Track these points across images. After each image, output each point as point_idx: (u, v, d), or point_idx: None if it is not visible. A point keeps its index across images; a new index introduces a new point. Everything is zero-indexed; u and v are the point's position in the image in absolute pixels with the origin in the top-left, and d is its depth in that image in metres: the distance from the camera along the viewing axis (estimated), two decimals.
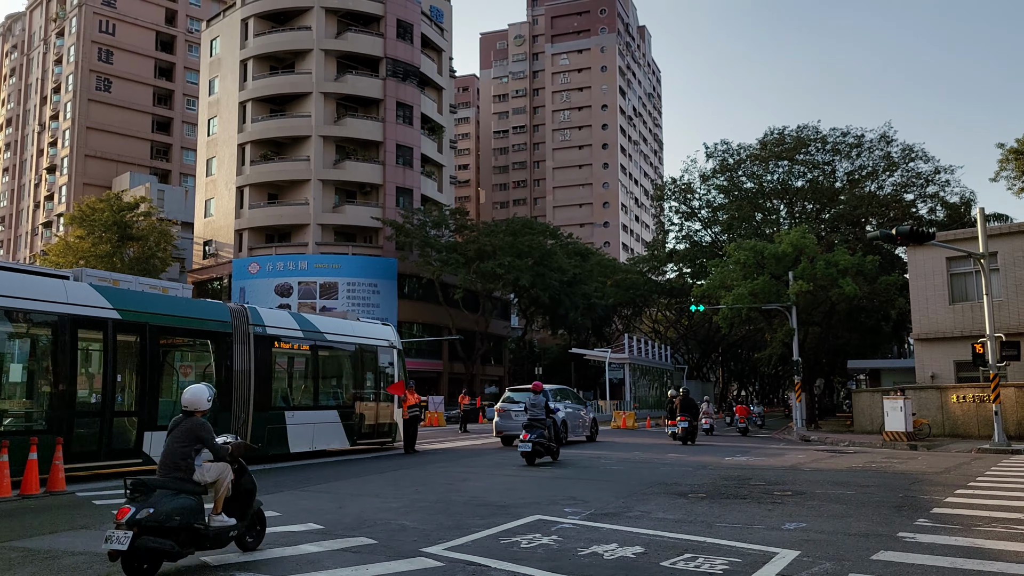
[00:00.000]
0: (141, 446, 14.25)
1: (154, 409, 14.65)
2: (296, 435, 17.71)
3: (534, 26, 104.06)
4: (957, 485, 12.83)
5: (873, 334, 42.26)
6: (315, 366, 18.98)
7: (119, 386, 14.36)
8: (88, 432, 13.55)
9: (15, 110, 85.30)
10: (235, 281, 50.43)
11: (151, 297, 15.37)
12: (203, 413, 7.21)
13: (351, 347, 20.30)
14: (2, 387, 13.22)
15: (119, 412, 14.21)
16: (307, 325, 18.89)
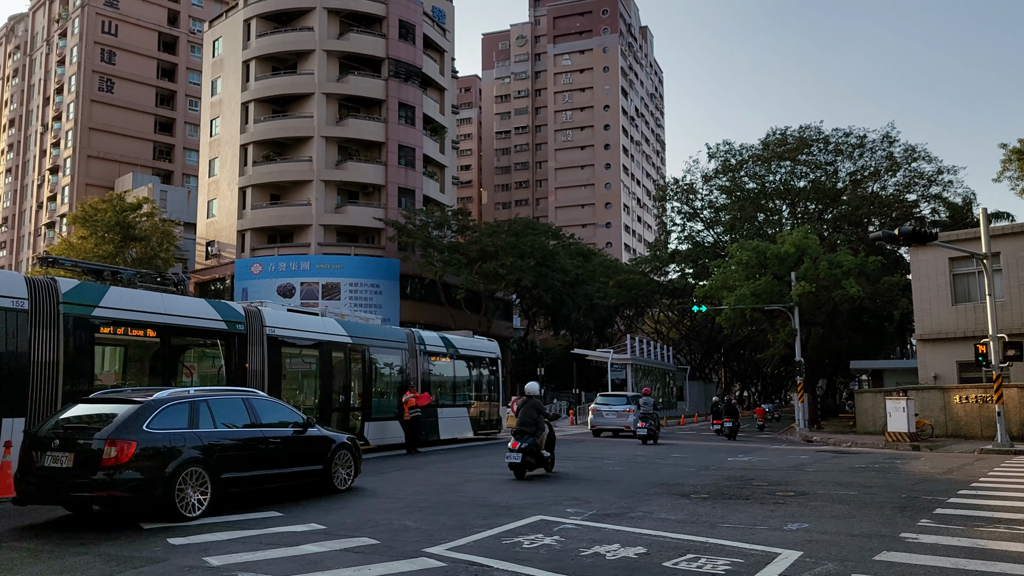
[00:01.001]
0: (364, 432, 19.67)
1: (369, 406, 20.28)
2: (445, 426, 23.02)
3: (536, 27, 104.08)
4: (960, 486, 12.81)
5: (876, 335, 42.23)
6: (453, 374, 24.66)
7: (351, 390, 19.86)
8: (337, 423, 18.71)
9: (18, 111, 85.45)
10: (237, 282, 50.46)
11: (363, 325, 21.47)
12: (537, 396, 14.82)
13: (474, 359, 25.99)
14: (287, 392, 17.59)
15: (353, 408, 19.84)
16: (448, 343, 24.62)
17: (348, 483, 12.31)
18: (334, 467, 12.05)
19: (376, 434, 20.29)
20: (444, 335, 24.95)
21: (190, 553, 7.43)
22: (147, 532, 8.58)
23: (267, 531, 8.59)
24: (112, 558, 7.29)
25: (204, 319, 15.76)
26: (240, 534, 8.39)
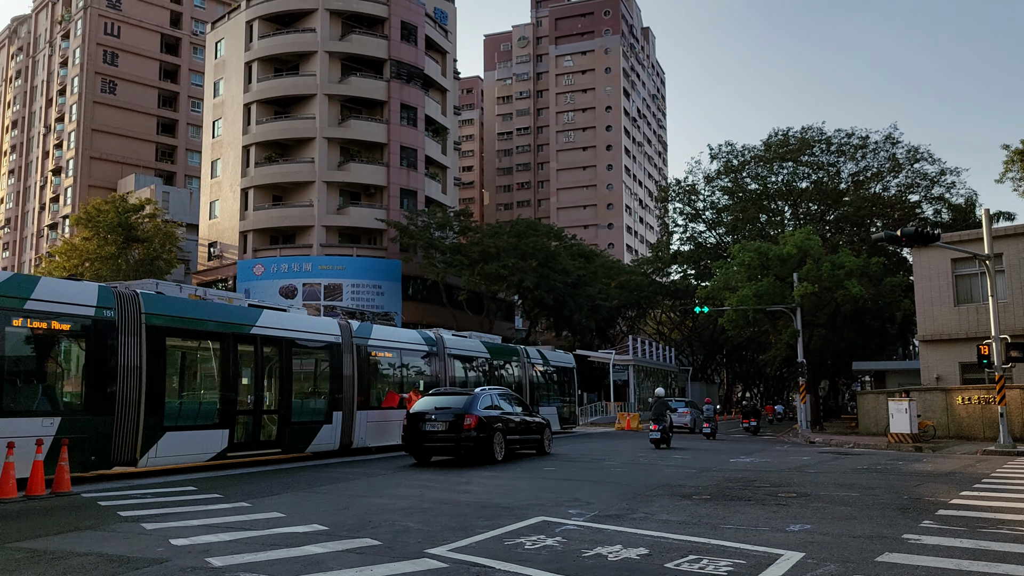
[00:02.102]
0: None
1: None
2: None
3: (538, 28, 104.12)
4: (962, 487, 12.80)
5: (878, 336, 42.21)
6: (548, 379, 31.22)
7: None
8: None
9: (20, 112, 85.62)
10: (240, 283, 50.49)
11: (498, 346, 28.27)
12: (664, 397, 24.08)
13: (559, 369, 32.43)
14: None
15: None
16: (544, 357, 31.18)
17: (549, 448, 19.97)
18: (544, 438, 19.86)
19: None
20: (540, 350, 32.42)
21: (192, 554, 7.44)
22: (150, 533, 8.59)
23: (269, 532, 8.60)
24: (114, 559, 7.30)
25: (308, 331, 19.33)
26: (243, 535, 8.40)
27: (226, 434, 16.16)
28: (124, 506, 10.67)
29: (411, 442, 17.11)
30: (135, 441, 14.54)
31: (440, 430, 16.69)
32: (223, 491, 12.35)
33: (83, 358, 14.08)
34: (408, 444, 17.22)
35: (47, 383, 13.80)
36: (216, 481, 13.93)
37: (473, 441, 16.56)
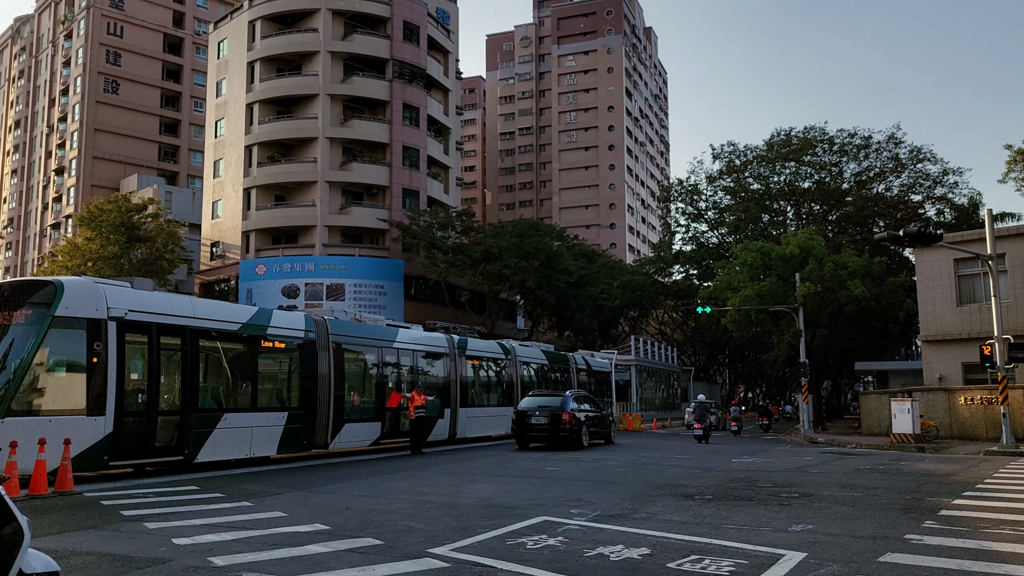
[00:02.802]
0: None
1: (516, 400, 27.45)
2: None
3: (540, 28, 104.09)
4: (965, 487, 12.78)
5: (880, 336, 42.20)
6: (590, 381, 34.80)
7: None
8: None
9: (23, 112, 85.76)
10: (242, 283, 50.55)
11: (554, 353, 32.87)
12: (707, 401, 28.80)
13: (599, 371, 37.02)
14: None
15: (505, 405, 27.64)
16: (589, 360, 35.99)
17: (614, 439, 25.23)
18: (611, 430, 25.10)
19: None
20: (583, 356, 36.28)
21: (195, 553, 7.45)
22: (152, 532, 8.61)
23: (272, 531, 8.61)
24: (117, 559, 7.32)
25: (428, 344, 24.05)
26: (245, 534, 8.41)
27: (379, 426, 20.79)
28: (126, 505, 10.69)
29: (519, 432, 22.36)
30: (327, 430, 18.73)
31: (542, 423, 21.82)
32: (225, 491, 12.36)
33: (298, 368, 18.46)
34: (516, 434, 22.52)
35: (278, 387, 18.25)
36: (217, 481, 13.95)
37: (567, 432, 21.67)
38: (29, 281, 14.81)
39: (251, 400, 17.01)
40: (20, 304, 13.86)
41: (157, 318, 15.00)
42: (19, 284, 14.65)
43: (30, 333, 13.34)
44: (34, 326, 13.41)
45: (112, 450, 13.83)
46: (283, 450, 17.53)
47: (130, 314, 14.39)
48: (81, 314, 13.74)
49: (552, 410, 21.79)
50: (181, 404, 15.36)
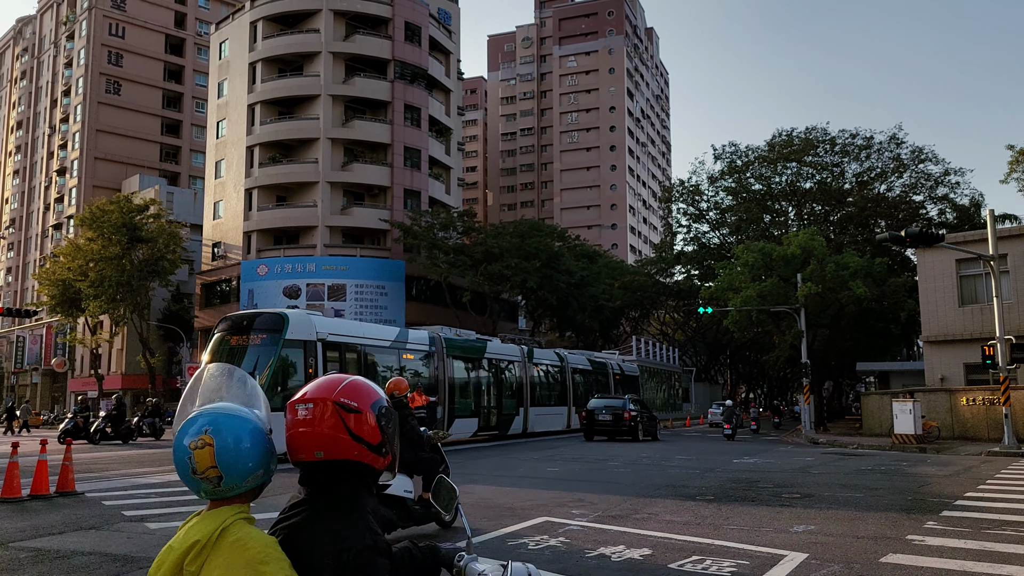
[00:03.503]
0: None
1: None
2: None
3: (542, 28, 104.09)
4: (966, 488, 12.77)
5: (882, 336, 42.19)
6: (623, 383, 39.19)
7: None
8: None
9: (25, 113, 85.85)
10: (244, 283, 50.57)
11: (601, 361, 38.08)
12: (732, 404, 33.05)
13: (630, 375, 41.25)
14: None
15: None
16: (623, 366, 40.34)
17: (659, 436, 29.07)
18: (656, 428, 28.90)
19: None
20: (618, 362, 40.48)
21: None
22: (153, 532, 8.61)
23: None
24: (118, 559, 7.32)
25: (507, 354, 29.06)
26: None
27: (476, 421, 25.89)
28: (128, 505, 10.69)
29: (588, 427, 27.20)
30: (444, 424, 23.71)
31: (607, 420, 26.83)
32: None
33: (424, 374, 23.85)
34: (585, 429, 27.34)
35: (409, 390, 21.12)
36: None
37: (627, 427, 26.63)
38: (265, 312, 20.17)
39: None
40: (259, 330, 18.89)
41: (342, 338, 20.33)
42: (258, 314, 19.83)
43: (270, 352, 18.23)
44: (272, 346, 18.29)
45: None
46: None
47: (329, 336, 19.66)
48: (301, 337, 18.82)
49: (615, 410, 27.09)
50: None
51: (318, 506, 1.93)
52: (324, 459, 1.94)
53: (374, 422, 1.96)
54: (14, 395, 75.60)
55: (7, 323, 77.89)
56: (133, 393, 58.75)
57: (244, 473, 1.86)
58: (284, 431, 1.98)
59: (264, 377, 17.74)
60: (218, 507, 1.86)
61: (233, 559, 1.75)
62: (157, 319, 56.12)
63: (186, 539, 1.79)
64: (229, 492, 1.86)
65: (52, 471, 12.53)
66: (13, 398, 65.10)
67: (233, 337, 19.08)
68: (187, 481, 1.85)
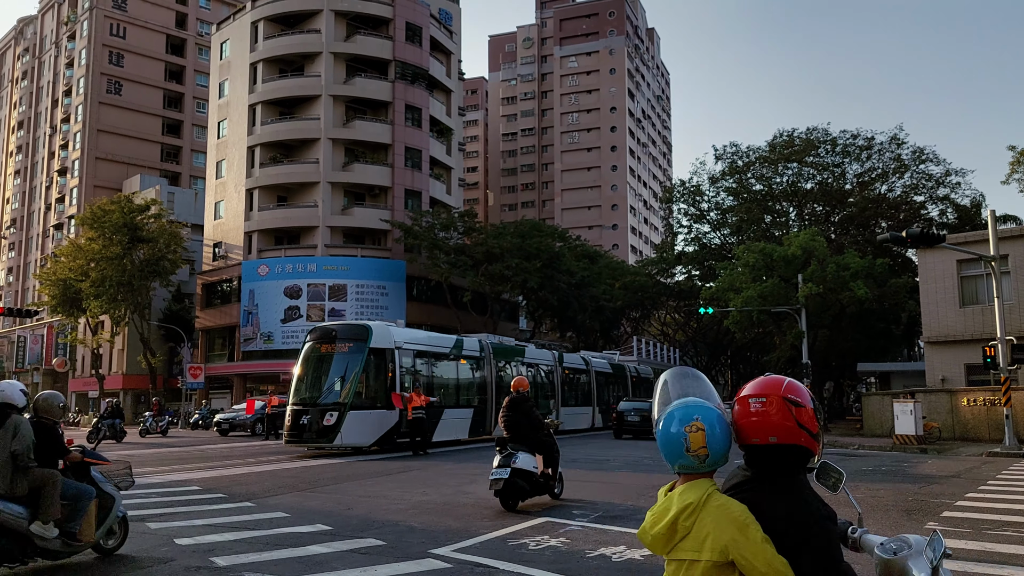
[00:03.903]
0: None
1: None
2: None
3: (543, 28, 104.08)
4: (967, 489, 12.76)
5: (883, 337, 42.16)
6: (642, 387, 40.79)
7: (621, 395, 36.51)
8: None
9: (26, 113, 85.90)
10: (244, 283, 50.59)
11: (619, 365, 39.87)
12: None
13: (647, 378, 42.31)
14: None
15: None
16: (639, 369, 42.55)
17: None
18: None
19: None
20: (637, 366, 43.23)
21: (197, 553, 7.46)
22: (154, 532, 8.61)
23: (274, 532, 8.62)
24: (119, 559, 7.33)
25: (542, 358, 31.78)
26: (247, 535, 8.42)
27: None
28: (129, 505, 10.67)
29: (617, 427, 28.83)
30: (487, 422, 25.83)
31: (635, 421, 28.40)
32: (227, 491, 12.37)
33: (475, 378, 26.71)
34: (615, 428, 28.83)
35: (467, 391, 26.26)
36: (219, 481, 13.97)
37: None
38: (352, 323, 23.72)
39: (455, 400, 25.09)
40: (347, 339, 21.68)
41: (413, 345, 23.16)
42: (345, 326, 22.79)
43: (357, 358, 21.08)
44: (359, 353, 21.12)
45: (398, 433, 21.09)
46: (471, 435, 25.19)
47: (404, 344, 22.43)
48: (382, 345, 21.57)
49: (643, 412, 28.67)
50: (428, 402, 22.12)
51: (774, 483, 2.37)
52: (776, 444, 2.37)
53: (813, 414, 2.40)
54: None
55: (8, 323, 77.93)
56: (134, 393, 58.82)
57: (721, 453, 2.36)
58: (733, 420, 2.48)
59: (354, 379, 20.83)
60: (694, 480, 2.38)
61: (720, 518, 2.26)
62: (158, 319, 56.14)
63: (681, 500, 2.33)
64: (706, 468, 2.37)
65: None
66: None
67: (323, 345, 21.85)
68: (673, 455, 2.42)
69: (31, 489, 6.63)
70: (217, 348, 54.77)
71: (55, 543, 6.73)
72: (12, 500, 6.53)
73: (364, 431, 20.42)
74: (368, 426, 20.55)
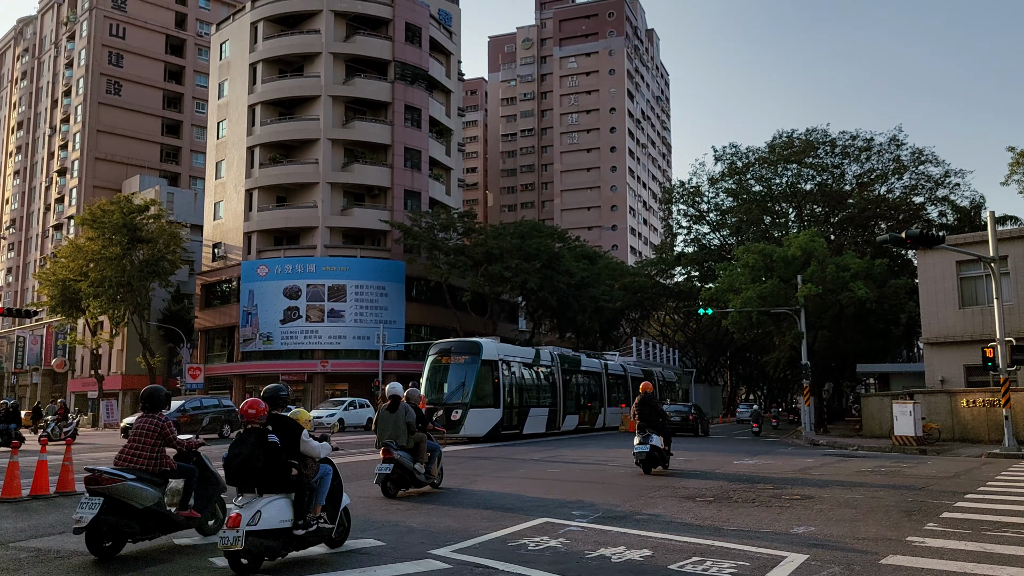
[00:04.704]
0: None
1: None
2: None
3: (542, 29, 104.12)
4: (967, 490, 12.77)
5: (882, 338, 42.15)
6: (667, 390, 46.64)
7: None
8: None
9: (26, 113, 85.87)
10: (244, 283, 50.59)
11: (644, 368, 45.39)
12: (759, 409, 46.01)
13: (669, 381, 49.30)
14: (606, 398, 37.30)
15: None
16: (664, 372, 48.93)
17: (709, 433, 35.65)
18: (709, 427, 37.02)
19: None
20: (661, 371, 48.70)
21: (196, 554, 7.45)
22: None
23: None
24: (118, 559, 7.32)
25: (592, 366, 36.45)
26: None
27: (577, 418, 33.32)
28: None
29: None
30: (557, 419, 31.10)
31: (677, 420, 31.11)
32: (227, 491, 12.34)
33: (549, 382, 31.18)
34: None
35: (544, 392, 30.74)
36: None
37: (691, 426, 32.88)
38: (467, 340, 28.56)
39: (537, 401, 30.06)
40: (464, 352, 27.06)
41: (508, 357, 28.21)
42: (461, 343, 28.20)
43: (473, 368, 26.42)
44: (473, 364, 26.49)
45: (501, 427, 26.44)
46: (547, 429, 30.23)
47: (504, 356, 27.80)
48: (490, 357, 26.96)
49: (682, 413, 33.58)
50: (520, 402, 28.31)
51: None
52: None
53: None
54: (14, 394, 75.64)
55: (7, 323, 77.91)
56: (133, 394, 58.76)
57: None
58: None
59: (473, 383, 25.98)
60: None
61: None
62: (157, 319, 56.12)
63: None
64: None
65: (52, 471, 12.54)
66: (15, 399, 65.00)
67: (444, 358, 27.37)
68: None
69: (415, 445, 11.80)
70: (216, 348, 54.77)
71: (421, 477, 11.75)
72: (404, 451, 11.54)
73: (480, 424, 25.85)
74: (483, 420, 25.96)
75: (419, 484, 11.65)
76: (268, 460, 6.84)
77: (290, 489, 7.02)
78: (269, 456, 6.85)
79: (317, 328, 49.08)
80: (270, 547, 6.72)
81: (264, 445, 6.87)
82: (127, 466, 7.44)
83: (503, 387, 26.88)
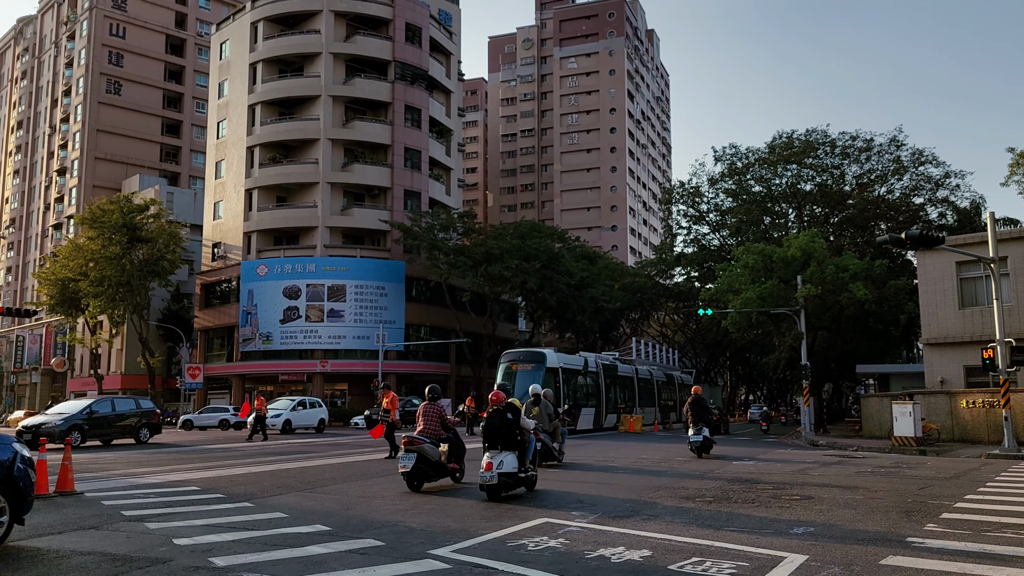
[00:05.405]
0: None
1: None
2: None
3: (542, 29, 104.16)
4: (967, 490, 12.76)
5: (882, 339, 42.13)
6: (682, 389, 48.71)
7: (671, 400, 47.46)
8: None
9: (26, 112, 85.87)
10: (243, 283, 50.59)
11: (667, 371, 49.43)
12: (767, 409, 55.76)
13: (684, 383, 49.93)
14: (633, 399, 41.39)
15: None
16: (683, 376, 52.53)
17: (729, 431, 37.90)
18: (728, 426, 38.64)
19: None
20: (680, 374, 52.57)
21: (195, 553, 7.45)
22: (153, 533, 8.60)
23: (273, 532, 8.61)
24: (117, 559, 7.31)
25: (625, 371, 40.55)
26: (246, 535, 8.41)
27: (616, 416, 37.29)
28: (127, 505, 10.69)
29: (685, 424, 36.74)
30: (602, 418, 35.99)
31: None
32: (226, 491, 12.36)
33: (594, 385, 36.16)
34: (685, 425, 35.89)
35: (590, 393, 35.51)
36: (218, 481, 13.96)
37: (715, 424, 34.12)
38: (534, 350, 33.79)
39: (586, 402, 34.82)
40: (531, 360, 31.99)
41: (566, 365, 33.15)
42: (529, 352, 33.44)
43: (538, 375, 30.47)
44: (539, 371, 30.94)
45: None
46: (594, 426, 34.94)
47: (563, 364, 32.88)
48: (553, 365, 31.86)
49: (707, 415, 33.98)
50: (574, 403, 32.63)
51: None
52: None
53: None
54: (13, 394, 75.65)
55: (7, 323, 77.90)
56: (133, 393, 58.75)
57: None
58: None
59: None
60: None
61: None
62: (157, 319, 56.11)
63: None
64: None
65: (52, 471, 12.53)
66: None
67: (514, 365, 31.82)
68: None
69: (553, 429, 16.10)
70: (216, 348, 54.77)
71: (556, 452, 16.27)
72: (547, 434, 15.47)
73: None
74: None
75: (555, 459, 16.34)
76: (506, 429, 11.19)
77: (515, 447, 11.29)
78: (507, 426, 11.21)
79: (317, 328, 49.09)
80: (508, 484, 11.10)
81: (504, 419, 11.26)
82: (425, 434, 12.20)
83: (563, 390, 31.78)
